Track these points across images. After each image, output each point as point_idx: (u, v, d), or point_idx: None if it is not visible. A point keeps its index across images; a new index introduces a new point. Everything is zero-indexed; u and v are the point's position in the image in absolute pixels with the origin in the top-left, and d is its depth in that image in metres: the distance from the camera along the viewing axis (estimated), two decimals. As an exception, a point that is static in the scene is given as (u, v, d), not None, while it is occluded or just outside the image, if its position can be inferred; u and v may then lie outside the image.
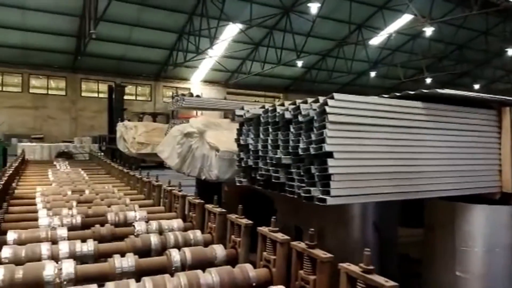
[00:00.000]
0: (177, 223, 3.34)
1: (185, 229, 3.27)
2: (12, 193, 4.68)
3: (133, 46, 23.06)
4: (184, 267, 2.44)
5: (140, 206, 4.07)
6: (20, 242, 2.75)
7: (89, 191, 4.86)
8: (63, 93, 24.60)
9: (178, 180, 4.38)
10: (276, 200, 4.51)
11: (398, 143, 2.79)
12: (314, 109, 2.50)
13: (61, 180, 5.67)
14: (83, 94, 25.18)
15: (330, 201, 2.38)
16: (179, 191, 3.81)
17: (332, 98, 2.45)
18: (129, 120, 17.66)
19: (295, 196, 2.74)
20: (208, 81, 29.15)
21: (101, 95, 24.78)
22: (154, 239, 2.83)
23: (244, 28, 21.68)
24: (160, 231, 3.19)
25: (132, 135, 7.74)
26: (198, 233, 3.01)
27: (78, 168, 7.42)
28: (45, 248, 2.51)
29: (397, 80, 28.88)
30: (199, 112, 25.20)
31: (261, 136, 3.12)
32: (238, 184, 3.48)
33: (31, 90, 23.77)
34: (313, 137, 2.48)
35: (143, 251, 2.75)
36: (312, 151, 2.46)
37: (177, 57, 24.01)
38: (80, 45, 21.31)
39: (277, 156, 2.85)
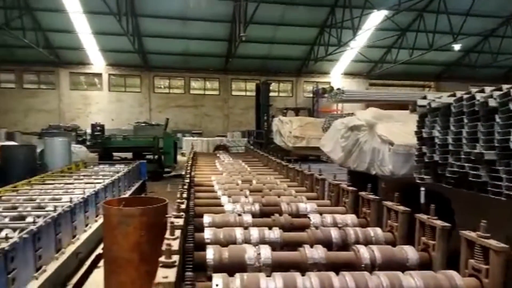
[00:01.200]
0: (351, 218, 3.26)
1: (359, 225, 3.18)
2: (193, 180, 5.34)
3: (277, 45, 24.04)
4: (373, 265, 2.34)
5: (307, 199, 4.14)
6: (213, 225, 3.08)
7: (256, 181, 5.20)
8: (216, 92, 27.38)
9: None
10: (454, 199, 4.03)
11: None
12: (536, 95, 2.08)
13: (229, 170, 6.22)
14: (233, 93, 27.53)
15: None
16: (348, 185, 3.73)
17: None
18: (273, 116, 18.54)
19: (503, 198, 2.34)
20: (348, 74, 28.41)
21: (248, 93, 26.65)
22: (334, 233, 2.81)
23: (390, 14, 20.29)
24: (335, 225, 3.17)
25: (288, 129, 8.00)
26: (378, 231, 2.87)
27: (238, 160, 8.05)
28: (238, 233, 2.73)
29: None
30: (339, 106, 24.86)
31: (452, 128, 2.77)
32: (418, 181, 3.19)
33: (191, 91, 27.16)
34: (534, 128, 2.06)
35: (324, 244, 2.75)
36: (533, 145, 2.06)
37: (318, 52, 24.05)
38: (231, 48, 23.27)
39: (476, 151, 2.49)
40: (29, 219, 4.11)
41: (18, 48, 21.59)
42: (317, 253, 2.35)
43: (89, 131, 19.85)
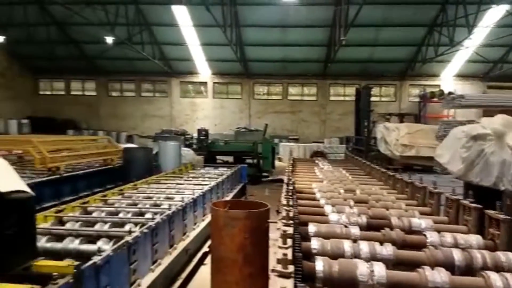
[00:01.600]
0: (476, 239, 2.89)
1: (486, 248, 2.80)
2: (294, 187, 5.32)
3: (379, 47, 22.96)
4: (509, 297, 2.02)
5: (419, 213, 3.81)
6: (319, 235, 3.00)
7: (360, 191, 4.97)
8: (314, 98, 27.23)
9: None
10: None
11: None
12: None
13: (330, 178, 6.06)
14: (331, 98, 27.06)
15: None
16: (471, 202, 3.32)
17: None
18: (374, 122, 17.67)
19: None
20: (461, 76, 25.71)
21: (346, 98, 25.95)
22: (457, 255, 2.51)
23: (512, 9, 17.86)
24: (456, 246, 2.84)
25: (394, 137, 7.50)
26: (511, 256, 2.48)
27: (338, 167, 7.81)
28: (347, 245, 2.61)
29: None
30: (451, 111, 22.61)
31: None
32: None
33: (289, 97, 27.48)
34: None
35: (445, 267, 2.48)
36: None
37: (426, 53, 22.26)
38: (330, 53, 22.92)
39: None
40: (148, 215, 4.54)
41: (137, 60, 24.35)
42: (440, 276, 2.12)
43: (195, 135, 21.39)
